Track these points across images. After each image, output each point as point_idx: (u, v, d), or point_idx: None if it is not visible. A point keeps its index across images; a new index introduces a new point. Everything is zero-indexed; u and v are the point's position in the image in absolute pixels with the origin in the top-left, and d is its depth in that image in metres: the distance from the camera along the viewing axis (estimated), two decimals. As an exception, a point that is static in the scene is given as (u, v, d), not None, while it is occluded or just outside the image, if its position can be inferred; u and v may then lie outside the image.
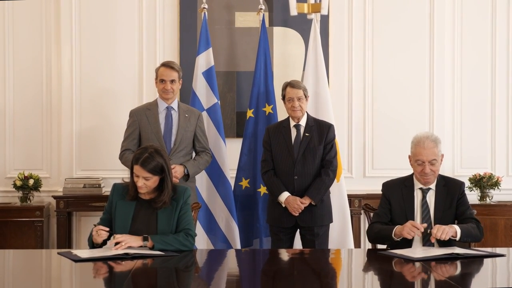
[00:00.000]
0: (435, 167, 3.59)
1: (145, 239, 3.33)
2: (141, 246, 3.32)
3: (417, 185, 3.66)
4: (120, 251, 3.22)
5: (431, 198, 3.63)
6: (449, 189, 3.64)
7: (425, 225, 3.49)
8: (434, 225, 3.54)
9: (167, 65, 4.48)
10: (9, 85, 5.45)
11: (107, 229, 3.38)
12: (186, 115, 4.51)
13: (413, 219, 3.58)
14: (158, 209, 3.45)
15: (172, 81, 4.44)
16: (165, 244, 3.33)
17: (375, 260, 3.39)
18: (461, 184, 3.69)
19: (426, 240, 3.53)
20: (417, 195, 3.65)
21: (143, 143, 4.38)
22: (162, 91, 4.45)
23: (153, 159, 3.40)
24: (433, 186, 3.65)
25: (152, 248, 3.31)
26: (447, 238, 3.39)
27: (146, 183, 3.39)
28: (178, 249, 3.34)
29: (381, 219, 3.67)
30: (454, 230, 3.43)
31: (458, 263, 3.22)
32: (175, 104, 4.52)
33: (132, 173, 3.44)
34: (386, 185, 3.77)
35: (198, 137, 4.56)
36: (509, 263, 3.30)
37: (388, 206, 3.69)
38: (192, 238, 3.44)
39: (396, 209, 3.65)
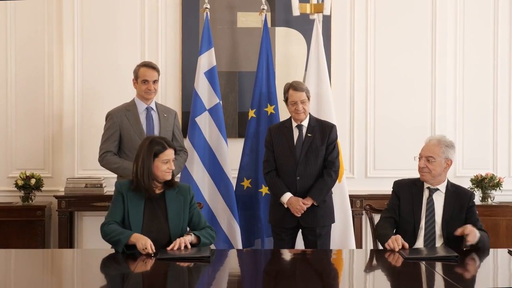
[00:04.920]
0: (431, 165, 3.64)
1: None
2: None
3: (426, 184, 3.72)
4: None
5: (437, 198, 3.67)
6: (459, 196, 3.69)
7: (406, 245, 3.45)
8: (442, 225, 3.59)
9: (149, 65, 4.46)
10: (11, 85, 5.45)
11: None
12: (165, 115, 4.53)
13: (419, 216, 3.64)
14: (168, 189, 3.58)
15: (155, 81, 4.44)
16: (206, 238, 3.54)
17: (376, 261, 3.39)
18: (472, 194, 3.74)
19: (429, 242, 3.56)
20: (425, 194, 3.71)
21: (124, 145, 4.39)
22: (145, 91, 4.43)
23: (170, 140, 3.70)
24: (441, 187, 3.70)
25: (198, 243, 3.50)
26: (475, 242, 3.44)
27: (173, 164, 3.58)
28: (211, 242, 3.58)
29: (389, 214, 3.74)
30: (475, 236, 3.45)
31: (460, 263, 3.22)
32: (153, 104, 4.52)
33: (151, 164, 3.50)
34: (397, 183, 3.84)
35: (176, 136, 4.58)
36: (511, 263, 3.30)
37: (397, 202, 3.75)
38: (215, 233, 3.69)
39: (405, 207, 3.71)
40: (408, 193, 3.73)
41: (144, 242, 3.31)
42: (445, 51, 5.53)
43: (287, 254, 3.71)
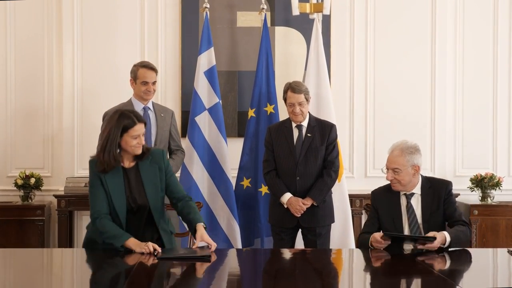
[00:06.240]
0: (399, 176, 3.58)
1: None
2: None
3: (402, 191, 3.66)
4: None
5: (416, 202, 3.62)
6: (435, 190, 3.62)
7: (389, 242, 3.47)
8: (422, 228, 3.55)
9: (148, 66, 4.44)
10: (10, 84, 5.45)
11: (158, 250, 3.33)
12: (162, 115, 4.53)
13: (401, 224, 3.60)
14: (140, 160, 3.49)
15: (154, 82, 4.44)
16: (200, 216, 3.55)
17: (376, 260, 3.39)
18: (448, 184, 3.67)
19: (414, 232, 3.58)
20: (403, 201, 3.65)
21: None
22: (144, 92, 4.43)
23: (140, 114, 3.53)
24: (416, 190, 3.64)
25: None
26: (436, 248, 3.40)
27: (143, 138, 3.46)
28: None
29: (369, 229, 3.69)
30: (444, 239, 3.40)
31: (459, 263, 3.22)
32: (150, 104, 4.52)
33: (118, 141, 3.39)
34: (374, 194, 3.79)
35: (173, 136, 4.59)
36: (510, 262, 3.30)
37: (376, 215, 3.70)
38: (193, 202, 3.64)
39: (384, 216, 3.66)
40: (385, 203, 3.67)
41: (144, 245, 3.29)
42: (445, 51, 5.53)
43: (286, 254, 3.71)
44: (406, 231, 3.59)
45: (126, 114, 3.44)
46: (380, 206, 3.69)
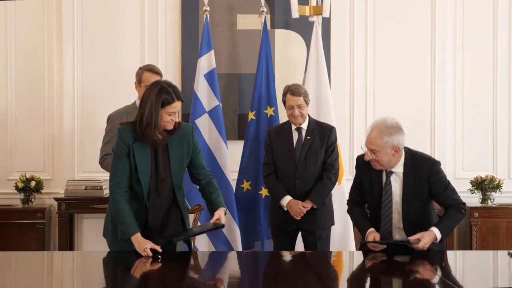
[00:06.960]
0: (377, 157, 3.41)
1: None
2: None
3: (382, 169, 3.52)
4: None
5: (396, 181, 3.48)
6: (417, 172, 3.45)
7: (384, 246, 3.45)
8: (402, 206, 3.46)
9: (153, 70, 4.38)
10: (11, 87, 5.46)
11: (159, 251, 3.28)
12: None
13: (380, 201, 3.50)
14: (170, 135, 3.39)
15: None
16: (222, 199, 3.54)
17: (376, 262, 3.39)
18: (431, 164, 3.46)
19: (387, 227, 3.54)
20: (383, 176, 3.52)
21: None
22: None
23: (179, 91, 3.42)
24: (398, 168, 3.47)
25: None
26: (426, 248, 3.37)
27: (177, 115, 3.38)
28: None
29: (354, 197, 3.70)
30: (434, 237, 3.37)
31: (460, 265, 3.22)
32: None
33: (157, 117, 3.31)
34: (358, 161, 3.66)
35: None
36: (511, 265, 3.30)
37: (360, 182, 3.64)
38: (215, 179, 3.62)
39: (367, 189, 3.59)
40: (368, 175, 3.55)
41: (143, 246, 3.25)
42: (445, 54, 5.54)
43: (287, 256, 3.71)
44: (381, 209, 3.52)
45: (166, 88, 3.34)
46: (363, 176, 3.60)
